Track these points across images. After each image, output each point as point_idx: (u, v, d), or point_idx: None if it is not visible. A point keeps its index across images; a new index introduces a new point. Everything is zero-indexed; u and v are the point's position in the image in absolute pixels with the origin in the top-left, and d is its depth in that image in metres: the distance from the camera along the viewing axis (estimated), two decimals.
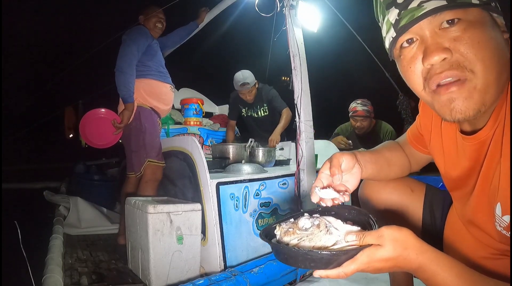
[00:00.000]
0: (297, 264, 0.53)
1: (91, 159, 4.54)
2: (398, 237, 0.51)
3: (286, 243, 0.57)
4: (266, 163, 2.11)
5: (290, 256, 0.54)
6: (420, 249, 0.51)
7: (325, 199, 0.67)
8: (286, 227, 0.60)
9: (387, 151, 0.86)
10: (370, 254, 0.51)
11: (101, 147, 1.97)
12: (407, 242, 0.51)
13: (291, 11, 1.83)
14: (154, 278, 1.38)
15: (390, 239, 0.51)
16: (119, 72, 1.84)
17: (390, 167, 0.84)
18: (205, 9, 2.55)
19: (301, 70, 1.79)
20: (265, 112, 2.89)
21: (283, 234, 0.59)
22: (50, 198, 2.78)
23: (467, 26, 0.50)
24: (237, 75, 2.72)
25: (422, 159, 0.87)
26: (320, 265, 0.52)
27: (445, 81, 0.52)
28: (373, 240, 0.52)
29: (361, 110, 2.73)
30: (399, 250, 0.50)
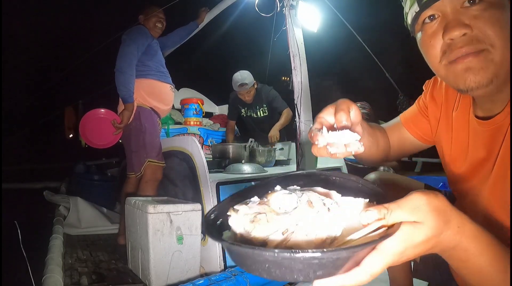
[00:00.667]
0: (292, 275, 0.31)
1: (91, 159, 4.54)
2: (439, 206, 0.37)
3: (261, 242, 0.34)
4: (266, 163, 2.11)
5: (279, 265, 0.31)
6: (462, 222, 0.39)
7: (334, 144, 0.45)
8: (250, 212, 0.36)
9: (378, 131, 0.81)
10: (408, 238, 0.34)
11: (101, 147, 1.98)
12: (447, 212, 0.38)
13: (291, 11, 1.84)
14: (154, 278, 1.38)
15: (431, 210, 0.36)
16: (119, 72, 1.84)
17: (378, 147, 0.78)
18: (205, 9, 2.54)
19: (301, 70, 1.80)
20: (264, 112, 2.89)
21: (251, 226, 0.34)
22: (50, 198, 2.77)
23: (487, 6, 0.52)
24: (236, 75, 2.72)
25: (410, 145, 0.83)
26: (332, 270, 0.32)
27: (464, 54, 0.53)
28: (408, 215, 0.35)
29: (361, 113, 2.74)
30: (442, 224, 0.36)
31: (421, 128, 0.80)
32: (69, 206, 2.48)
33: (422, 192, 0.37)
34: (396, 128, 0.84)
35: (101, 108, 1.94)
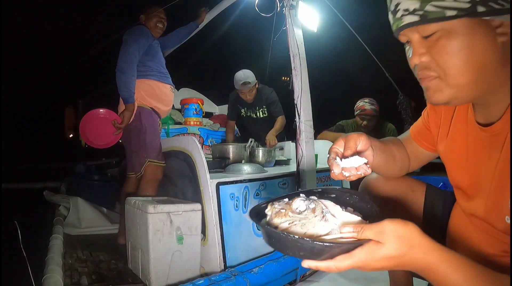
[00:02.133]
0: (286, 250, 0.48)
1: (91, 159, 4.54)
2: (402, 234, 0.46)
3: (275, 226, 0.51)
4: (266, 163, 2.11)
5: (278, 240, 0.48)
6: (428, 248, 0.46)
7: (347, 169, 0.60)
8: (278, 208, 0.54)
9: (392, 145, 0.84)
10: (369, 252, 0.46)
11: (101, 147, 1.97)
12: (412, 239, 0.46)
13: (291, 11, 1.83)
14: (154, 278, 1.38)
15: (393, 236, 0.45)
16: (120, 72, 1.84)
17: (395, 161, 0.83)
18: (205, 9, 2.54)
19: (301, 70, 1.79)
20: (264, 113, 2.90)
21: (274, 215, 0.53)
22: (50, 198, 2.77)
23: (441, 36, 0.55)
24: (238, 74, 2.72)
25: (424, 156, 0.86)
26: (310, 255, 0.46)
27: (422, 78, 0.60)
28: (373, 236, 0.46)
29: (370, 109, 2.74)
30: (404, 249, 0.45)
31: (428, 140, 0.82)
32: (69, 206, 2.48)
33: (392, 221, 0.47)
34: (409, 141, 0.87)
35: (101, 108, 1.94)
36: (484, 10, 0.51)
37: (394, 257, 0.46)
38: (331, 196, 0.62)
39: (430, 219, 0.87)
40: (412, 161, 0.87)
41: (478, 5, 0.51)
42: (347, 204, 0.60)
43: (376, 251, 0.45)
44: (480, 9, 0.51)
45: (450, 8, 0.52)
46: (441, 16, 0.53)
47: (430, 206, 0.87)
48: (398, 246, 0.45)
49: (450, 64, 0.55)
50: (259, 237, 1.65)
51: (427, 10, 0.53)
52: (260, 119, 2.93)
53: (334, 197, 0.61)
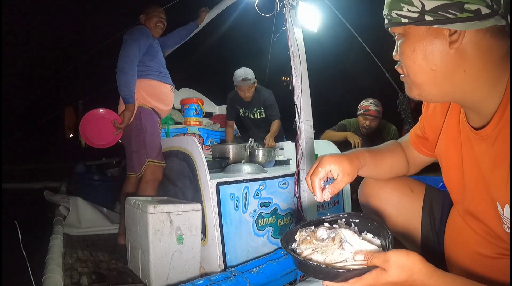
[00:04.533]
0: (308, 273, 0.60)
1: (91, 159, 4.54)
2: (404, 263, 0.52)
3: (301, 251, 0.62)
4: (266, 163, 2.11)
5: (302, 265, 0.59)
6: (427, 275, 0.52)
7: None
8: (305, 235, 0.64)
9: (389, 153, 0.87)
10: (375, 277, 0.53)
11: (101, 147, 1.97)
12: (413, 268, 0.52)
13: (291, 11, 1.83)
14: (154, 278, 1.38)
15: (396, 265, 0.52)
16: (120, 72, 1.84)
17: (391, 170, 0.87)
18: (205, 9, 2.54)
19: (301, 70, 1.79)
20: (261, 114, 2.90)
21: (301, 242, 0.63)
22: (50, 198, 2.77)
23: (400, 38, 0.63)
24: (238, 70, 2.74)
25: (422, 161, 0.88)
26: (328, 278, 0.57)
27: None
28: (379, 263, 0.54)
29: (373, 110, 2.75)
30: (404, 276, 0.52)
31: (425, 145, 0.84)
32: (69, 206, 2.48)
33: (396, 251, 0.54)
34: (408, 145, 0.89)
35: (101, 108, 1.94)
36: (431, 19, 0.56)
37: (396, 283, 0.53)
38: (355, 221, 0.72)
39: (429, 219, 0.87)
40: (411, 165, 0.89)
41: (426, 14, 0.56)
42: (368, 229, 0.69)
43: (380, 277, 0.53)
44: (428, 18, 0.56)
45: (404, 16, 0.59)
46: (398, 22, 0.60)
47: (429, 206, 0.88)
48: (399, 273, 0.52)
49: (406, 64, 0.62)
50: (259, 237, 1.65)
51: (392, 16, 0.61)
52: (258, 120, 2.94)
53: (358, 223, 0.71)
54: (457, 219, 0.77)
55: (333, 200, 2.12)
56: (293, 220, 1.80)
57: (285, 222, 1.76)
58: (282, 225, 1.75)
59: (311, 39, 1.98)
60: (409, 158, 0.89)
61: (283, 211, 1.77)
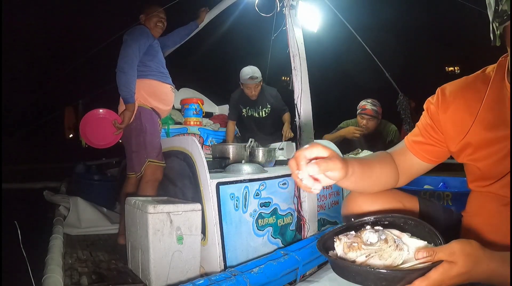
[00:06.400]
0: (367, 282, 0.52)
1: (91, 159, 4.54)
2: (470, 252, 0.52)
3: (352, 260, 0.55)
4: (266, 163, 2.11)
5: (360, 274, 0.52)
6: (489, 258, 0.53)
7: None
8: (348, 241, 0.57)
9: (377, 165, 0.81)
10: (444, 272, 0.51)
11: (101, 147, 1.97)
12: (478, 255, 0.52)
13: (291, 11, 1.83)
14: (154, 278, 1.38)
15: (463, 254, 0.51)
16: (120, 72, 1.84)
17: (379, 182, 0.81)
18: (205, 9, 2.54)
19: (301, 70, 1.79)
20: (266, 113, 2.91)
21: (348, 249, 0.56)
22: (50, 198, 2.77)
23: None
24: (245, 68, 2.76)
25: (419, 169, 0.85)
26: (391, 284, 0.51)
27: None
28: (446, 257, 0.52)
29: (370, 109, 2.74)
30: (472, 264, 0.52)
31: (429, 151, 0.81)
32: (69, 206, 2.48)
33: (459, 241, 0.53)
34: (402, 153, 0.85)
35: (101, 108, 1.94)
36: None
37: (465, 273, 0.52)
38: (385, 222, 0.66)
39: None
40: (403, 175, 0.85)
41: None
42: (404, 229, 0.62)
43: (449, 271, 0.52)
44: None
45: None
46: None
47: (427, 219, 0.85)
48: (467, 263, 0.52)
49: None
50: (259, 237, 1.65)
51: None
52: (262, 119, 2.95)
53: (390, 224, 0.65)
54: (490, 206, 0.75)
55: (333, 200, 2.12)
56: (293, 220, 1.80)
57: (285, 222, 1.76)
58: (282, 225, 1.75)
59: (311, 39, 1.99)
60: (403, 167, 0.84)
61: (283, 211, 1.77)
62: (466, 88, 0.77)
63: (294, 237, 1.79)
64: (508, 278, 0.53)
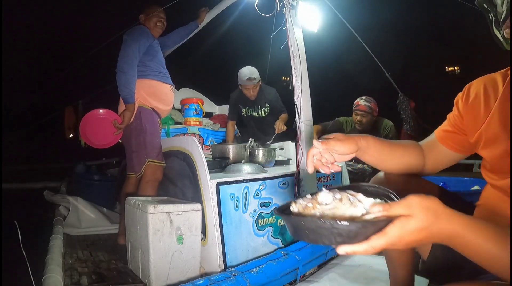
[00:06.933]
0: (321, 239, 0.47)
1: (91, 159, 4.54)
2: (429, 205, 0.49)
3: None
4: (266, 163, 2.11)
5: (312, 230, 0.47)
6: (452, 216, 0.50)
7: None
8: (304, 203, 0.54)
9: (400, 146, 0.86)
10: (402, 227, 0.47)
11: (101, 147, 1.97)
12: (438, 209, 0.49)
13: (291, 11, 1.83)
14: (154, 278, 1.38)
15: (421, 207, 0.48)
16: (120, 72, 1.84)
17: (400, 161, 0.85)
18: (205, 9, 2.54)
19: (301, 70, 1.79)
20: (266, 112, 2.90)
21: (302, 210, 0.53)
22: (50, 198, 2.77)
23: None
24: (243, 69, 2.74)
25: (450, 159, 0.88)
26: (346, 239, 0.47)
27: None
28: (402, 210, 0.48)
29: (363, 105, 2.74)
30: (432, 218, 0.48)
31: (456, 141, 0.84)
32: (69, 206, 2.48)
33: (416, 195, 0.49)
34: (433, 144, 0.89)
35: (101, 108, 1.94)
36: None
37: (424, 227, 0.48)
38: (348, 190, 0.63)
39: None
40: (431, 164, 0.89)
41: None
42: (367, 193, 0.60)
43: (407, 224, 0.48)
44: None
45: None
46: None
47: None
48: (427, 216, 0.48)
49: None
50: (259, 237, 1.65)
51: None
52: (262, 118, 2.94)
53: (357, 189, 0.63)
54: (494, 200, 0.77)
55: None
56: None
57: None
58: (282, 225, 1.75)
59: (311, 39, 1.99)
60: (431, 156, 0.88)
61: None
62: (487, 84, 0.79)
63: None
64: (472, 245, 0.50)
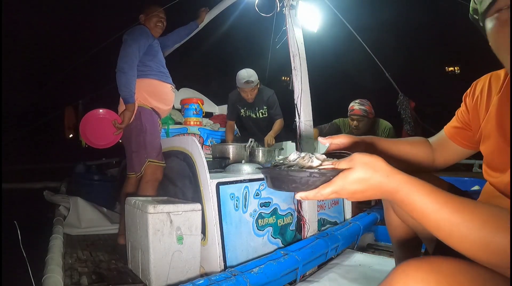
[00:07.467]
0: (282, 186, 0.60)
1: (91, 159, 4.54)
2: (367, 161, 0.55)
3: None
4: (266, 163, 2.11)
5: (275, 178, 0.61)
6: (391, 172, 0.55)
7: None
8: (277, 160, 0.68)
9: (407, 145, 0.90)
10: (344, 177, 0.55)
11: (101, 147, 1.97)
12: (376, 165, 0.55)
13: (291, 11, 1.84)
14: (154, 278, 1.38)
15: (360, 162, 0.55)
16: (120, 72, 1.84)
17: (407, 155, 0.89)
18: (205, 9, 2.55)
19: (301, 70, 1.80)
20: (263, 114, 2.90)
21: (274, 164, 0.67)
22: (50, 198, 2.77)
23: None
24: (241, 72, 2.72)
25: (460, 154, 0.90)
26: (300, 186, 0.58)
27: None
28: (346, 165, 0.56)
29: (358, 109, 2.69)
30: (370, 172, 0.54)
31: (464, 137, 0.87)
32: (69, 206, 2.48)
33: (360, 153, 0.57)
34: (442, 140, 0.92)
35: (101, 108, 1.94)
36: None
37: (362, 179, 0.55)
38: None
39: None
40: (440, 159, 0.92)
41: None
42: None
43: (348, 175, 0.55)
44: None
45: None
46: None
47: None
48: (364, 169, 0.55)
49: None
50: (259, 237, 1.65)
51: None
52: (260, 120, 2.93)
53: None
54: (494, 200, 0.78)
55: (333, 200, 2.12)
56: (293, 220, 1.80)
57: (285, 222, 1.77)
58: (282, 225, 1.75)
59: (311, 39, 1.99)
60: (441, 152, 0.91)
61: (283, 211, 1.77)
62: (492, 80, 0.81)
63: (294, 237, 1.79)
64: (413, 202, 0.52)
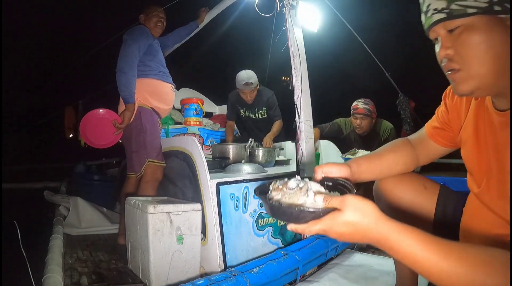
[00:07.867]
0: (275, 216, 0.64)
1: (91, 159, 4.54)
2: (358, 206, 0.56)
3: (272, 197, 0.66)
4: (266, 163, 2.11)
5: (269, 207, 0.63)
6: (380, 218, 0.55)
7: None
8: (278, 184, 0.68)
9: (389, 153, 0.90)
10: (333, 218, 0.56)
11: (101, 147, 1.97)
12: (366, 210, 0.55)
13: (291, 11, 1.84)
14: (154, 278, 1.38)
15: (350, 205, 0.56)
16: (120, 72, 1.84)
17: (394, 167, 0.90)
18: (205, 9, 2.54)
19: (301, 70, 1.80)
20: (263, 115, 2.90)
21: (273, 190, 0.67)
22: (50, 198, 2.77)
23: (463, 30, 0.63)
24: (241, 73, 2.71)
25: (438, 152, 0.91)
26: (291, 219, 0.60)
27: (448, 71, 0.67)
28: (337, 204, 0.57)
29: (362, 108, 2.71)
30: (358, 217, 0.55)
31: (444, 137, 0.87)
32: (69, 206, 2.48)
33: (353, 196, 0.57)
34: (422, 138, 0.93)
35: (101, 108, 1.94)
36: (499, 9, 0.59)
37: (350, 222, 0.55)
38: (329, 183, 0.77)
39: (442, 215, 0.90)
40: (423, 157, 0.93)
41: (494, 5, 0.59)
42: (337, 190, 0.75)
43: (337, 217, 0.56)
44: (496, 8, 0.59)
45: (471, 7, 0.61)
46: (463, 13, 0.61)
47: (443, 204, 0.91)
48: (354, 214, 0.55)
49: (471, 55, 0.62)
50: (259, 237, 1.65)
51: (452, 8, 0.62)
52: (260, 120, 2.93)
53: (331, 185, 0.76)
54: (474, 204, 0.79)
55: None
56: None
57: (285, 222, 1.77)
58: (282, 225, 1.75)
59: (311, 39, 1.99)
60: (423, 151, 0.92)
61: None
62: None
63: (294, 237, 1.79)
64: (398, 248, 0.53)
